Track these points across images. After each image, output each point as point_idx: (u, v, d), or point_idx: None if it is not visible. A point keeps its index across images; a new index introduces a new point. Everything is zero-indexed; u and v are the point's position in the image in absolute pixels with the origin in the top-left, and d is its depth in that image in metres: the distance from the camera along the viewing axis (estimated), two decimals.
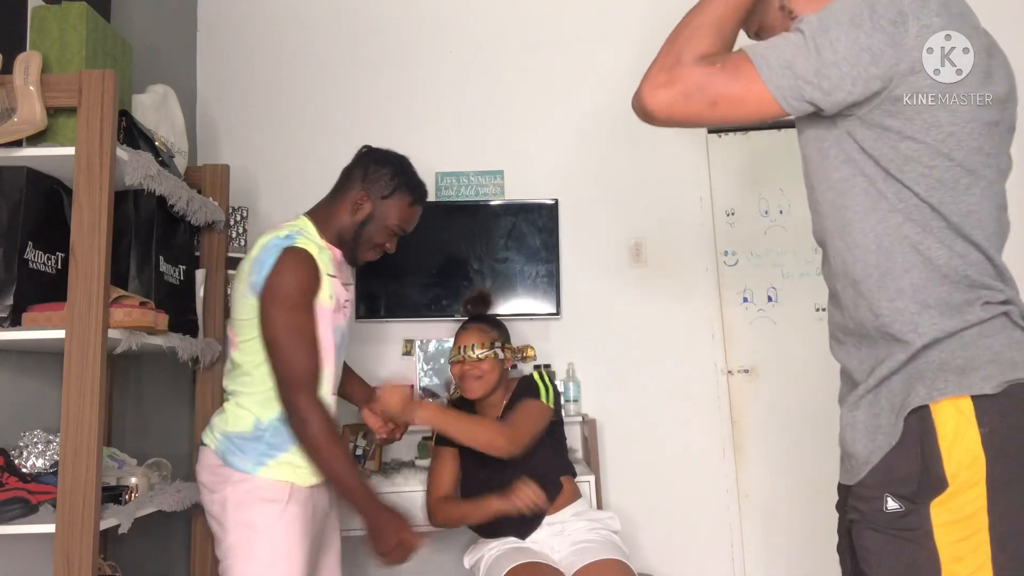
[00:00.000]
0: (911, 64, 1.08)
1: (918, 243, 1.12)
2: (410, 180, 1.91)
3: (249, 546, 1.62)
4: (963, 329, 1.09)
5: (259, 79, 3.08)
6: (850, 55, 1.08)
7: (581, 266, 2.96)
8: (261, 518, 1.63)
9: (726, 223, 3.06)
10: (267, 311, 1.65)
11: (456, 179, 3.01)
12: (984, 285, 1.11)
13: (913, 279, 1.12)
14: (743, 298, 3.03)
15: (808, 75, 1.10)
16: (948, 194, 1.11)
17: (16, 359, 1.85)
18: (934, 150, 1.11)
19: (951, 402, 1.05)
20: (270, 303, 1.64)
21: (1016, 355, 1.08)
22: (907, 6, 1.09)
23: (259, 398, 1.71)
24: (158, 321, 1.86)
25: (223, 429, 1.72)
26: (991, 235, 1.13)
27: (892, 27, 1.08)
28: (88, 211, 1.63)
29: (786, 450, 2.84)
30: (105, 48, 1.89)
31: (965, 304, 1.10)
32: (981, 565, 1.02)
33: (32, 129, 1.66)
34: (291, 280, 1.65)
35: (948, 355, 1.08)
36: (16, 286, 1.64)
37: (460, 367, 2.17)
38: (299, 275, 1.67)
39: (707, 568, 2.82)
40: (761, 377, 2.97)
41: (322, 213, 1.86)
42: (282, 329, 1.64)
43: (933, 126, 1.10)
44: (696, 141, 3.06)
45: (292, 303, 1.65)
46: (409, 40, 3.12)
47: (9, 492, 1.58)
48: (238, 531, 1.63)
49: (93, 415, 1.57)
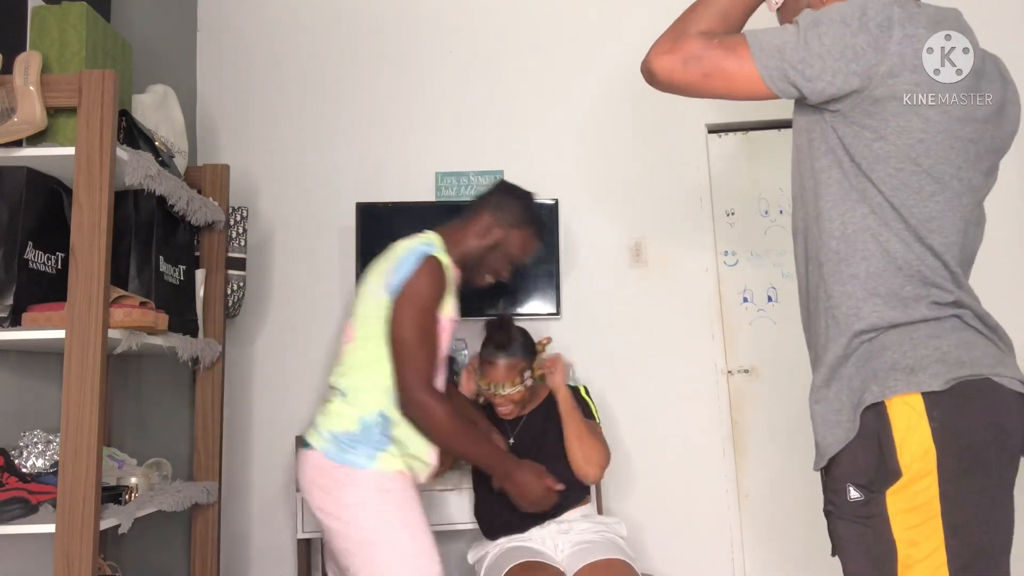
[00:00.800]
0: (891, 67, 1.15)
1: (878, 234, 1.20)
2: (537, 215, 2.07)
3: (390, 541, 1.73)
4: (905, 323, 1.17)
5: (259, 79, 3.08)
6: (834, 49, 1.17)
7: (581, 266, 2.96)
8: (394, 511, 1.74)
9: (726, 223, 3.06)
10: (402, 311, 1.77)
11: (456, 179, 3.01)
12: (935, 284, 1.18)
13: (869, 266, 1.20)
14: (743, 298, 3.03)
15: (794, 61, 1.19)
16: (911, 198, 1.19)
17: (16, 359, 1.85)
18: (903, 153, 1.18)
19: (902, 399, 1.12)
20: (406, 304, 1.77)
21: (963, 355, 1.14)
22: (896, 15, 1.16)
23: (374, 394, 1.79)
24: (158, 321, 1.86)
25: (330, 430, 1.79)
26: (951, 244, 1.20)
27: (878, 31, 1.16)
28: (88, 211, 1.63)
29: (786, 450, 2.83)
30: (105, 48, 1.89)
31: (913, 299, 1.18)
32: (935, 549, 1.09)
33: (32, 129, 1.66)
34: (428, 286, 1.78)
35: (900, 356, 1.15)
36: (16, 286, 1.64)
37: (491, 397, 2.19)
38: (435, 283, 1.80)
39: (707, 568, 2.82)
40: (761, 377, 2.97)
41: (452, 234, 1.96)
42: (414, 329, 1.76)
43: (905, 130, 1.17)
44: (696, 141, 3.06)
45: (425, 307, 1.78)
46: (409, 40, 3.12)
47: (9, 492, 1.58)
48: (372, 527, 1.73)
49: (93, 415, 1.58)
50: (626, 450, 2.86)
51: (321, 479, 1.78)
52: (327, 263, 2.96)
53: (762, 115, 3.03)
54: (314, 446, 1.80)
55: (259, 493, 2.84)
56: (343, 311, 2.90)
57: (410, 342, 1.76)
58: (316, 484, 1.78)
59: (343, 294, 2.92)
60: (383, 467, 1.77)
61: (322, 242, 2.97)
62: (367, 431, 1.78)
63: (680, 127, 3.06)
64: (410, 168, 3.02)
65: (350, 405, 1.80)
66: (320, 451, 1.78)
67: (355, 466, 1.75)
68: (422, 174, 3.01)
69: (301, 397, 2.82)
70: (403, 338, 1.76)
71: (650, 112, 3.06)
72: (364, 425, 1.78)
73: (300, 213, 2.99)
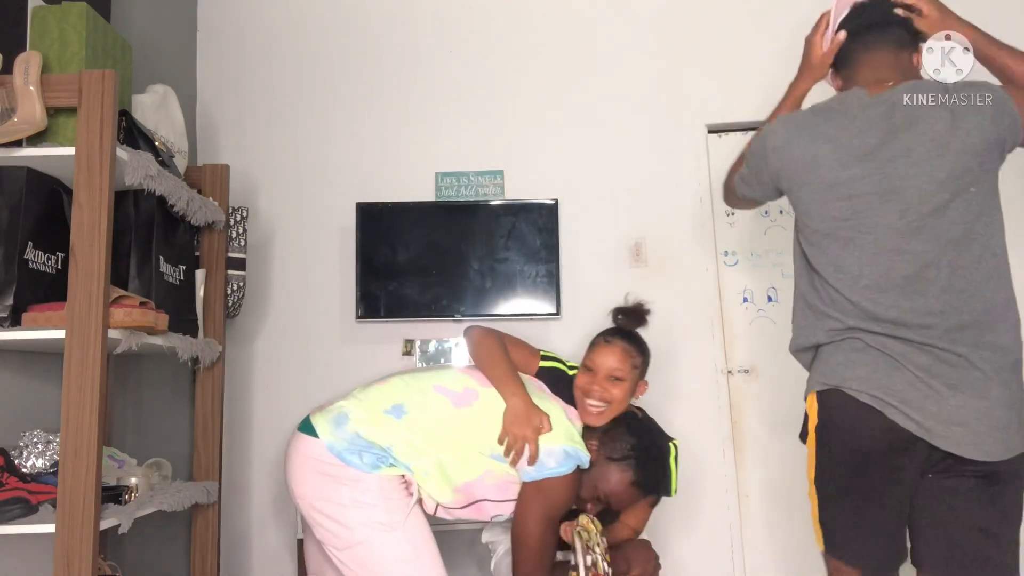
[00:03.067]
0: (775, 173, 1.65)
1: (798, 280, 1.66)
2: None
3: (384, 544, 1.67)
4: (810, 347, 1.61)
5: (259, 79, 3.08)
6: (749, 166, 1.77)
7: (581, 266, 2.96)
8: (392, 515, 1.69)
9: (726, 223, 3.06)
10: (534, 506, 1.79)
11: (456, 179, 3.01)
12: (830, 316, 1.55)
13: (796, 304, 1.67)
14: (743, 298, 3.03)
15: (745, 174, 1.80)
16: (813, 250, 1.59)
17: (16, 359, 1.85)
18: (802, 220, 1.62)
19: (812, 394, 1.58)
20: (541, 503, 1.78)
21: (843, 369, 1.51)
22: (766, 133, 1.68)
23: (428, 452, 1.76)
24: (158, 321, 1.86)
25: (355, 429, 1.74)
26: (853, 279, 1.51)
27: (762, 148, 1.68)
28: (88, 211, 1.63)
29: (786, 450, 2.83)
30: (105, 48, 1.89)
31: (811, 327, 1.60)
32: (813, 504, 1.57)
33: (32, 129, 1.66)
34: (564, 498, 1.81)
35: (816, 364, 1.60)
36: (16, 286, 1.64)
37: (590, 381, 1.91)
38: (571, 496, 1.83)
39: (707, 568, 2.82)
40: (761, 377, 2.97)
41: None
42: (537, 534, 1.79)
43: (797, 205, 1.63)
44: (696, 141, 3.06)
45: (553, 516, 1.80)
46: (409, 40, 3.12)
47: (9, 492, 1.58)
48: (366, 530, 1.67)
49: (93, 415, 1.57)
50: None
51: (318, 469, 1.72)
52: (327, 263, 2.95)
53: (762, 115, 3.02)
54: (320, 436, 1.74)
55: (259, 493, 2.84)
56: (343, 311, 2.90)
57: (533, 544, 1.75)
58: (312, 472, 1.73)
59: (343, 294, 2.91)
60: (388, 473, 1.73)
61: (322, 242, 2.97)
62: (384, 452, 1.74)
63: (680, 127, 3.06)
64: (410, 168, 3.02)
65: (388, 431, 1.75)
66: (326, 445, 1.73)
67: (359, 468, 1.71)
68: (422, 174, 3.01)
69: (301, 397, 2.81)
70: (528, 535, 1.76)
71: (650, 112, 3.06)
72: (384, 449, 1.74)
73: (300, 213, 2.99)
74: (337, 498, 1.70)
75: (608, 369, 1.90)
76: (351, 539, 1.68)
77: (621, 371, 1.90)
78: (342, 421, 1.76)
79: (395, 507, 1.71)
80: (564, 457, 1.75)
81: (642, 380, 2.00)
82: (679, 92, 3.07)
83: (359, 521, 1.68)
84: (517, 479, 1.79)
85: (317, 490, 1.72)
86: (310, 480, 1.73)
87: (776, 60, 2.73)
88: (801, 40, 1.82)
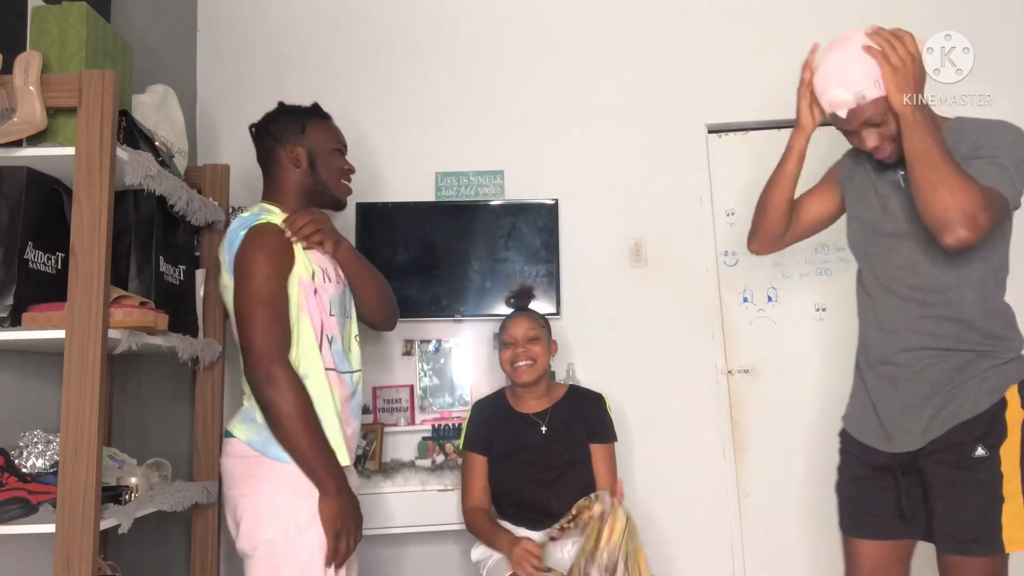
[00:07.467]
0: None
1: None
2: (302, 108, 1.91)
3: (285, 547, 1.57)
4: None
5: (259, 79, 3.07)
6: None
7: (581, 266, 2.96)
8: (301, 516, 1.58)
9: (726, 223, 3.06)
10: (238, 287, 1.64)
11: (456, 179, 3.00)
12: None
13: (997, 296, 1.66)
14: (743, 298, 3.03)
15: None
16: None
17: (16, 359, 1.85)
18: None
19: (1013, 386, 1.56)
20: (240, 279, 1.64)
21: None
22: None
23: None
24: (158, 321, 1.86)
25: (255, 419, 1.64)
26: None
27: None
28: (88, 211, 1.63)
29: (786, 450, 2.84)
30: (105, 48, 1.89)
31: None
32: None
33: (32, 129, 1.66)
34: (259, 254, 1.64)
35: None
36: (16, 286, 1.64)
37: (512, 351, 2.23)
38: (267, 249, 1.65)
39: (707, 568, 2.82)
40: (761, 377, 2.97)
41: (274, 192, 1.83)
42: (252, 303, 1.61)
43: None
44: (696, 141, 3.06)
45: (262, 275, 1.62)
46: (409, 40, 3.12)
47: (9, 492, 1.58)
48: (275, 528, 1.58)
49: (93, 415, 1.57)
50: (626, 450, 2.85)
51: (239, 467, 1.65)
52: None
53: (762, 115, 3.03)
54: (236, 435, 1.67)
55: None
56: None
57: (254, 314, 1.60)
58: (233, 473, 1.66)
59: None
60: None
61: None
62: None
63: (680, 127, 3.06)
64: (410, 168, 3.02)
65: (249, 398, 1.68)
66: (244, 440, 1.65)
67: (277, 459, 1.60)
68: (422, 174, 3.01)
69: None
70: (245, 313, 1.61)
71: (650, 112, 3.06)
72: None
73: None
74: (254, 492, 1.62)
75: (523, 333, 2.23)
76: (262, 537, 1.59)
77: (533, 330, 2.24)
78: (249, 416, 1.68)
79: (307, 508, 1.59)
80: (230, 233, 1.70)
81: (552, 340, 2.31)
82: (679, 92, 3.07)
83: (271, 519, 1.59)
84: None
85: (238, 488, 1.65)
86: (233, 477, 1.66)
87: (776, 61, 2.73)
88: (801, 40, 1.82)
